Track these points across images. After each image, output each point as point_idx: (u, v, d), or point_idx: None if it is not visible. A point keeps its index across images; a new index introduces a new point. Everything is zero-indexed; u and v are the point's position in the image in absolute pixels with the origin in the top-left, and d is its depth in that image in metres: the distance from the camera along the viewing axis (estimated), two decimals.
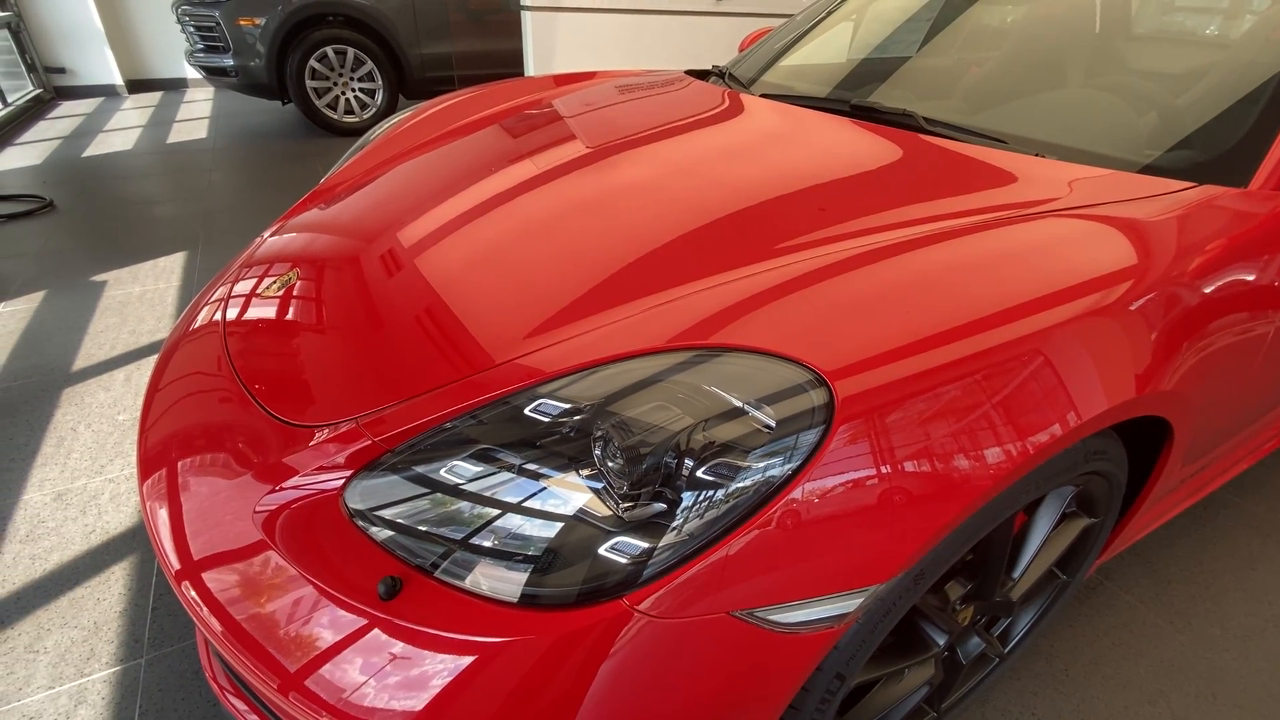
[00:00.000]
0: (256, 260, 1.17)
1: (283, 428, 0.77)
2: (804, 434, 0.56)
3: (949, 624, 0.82)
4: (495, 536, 0.61)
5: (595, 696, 0.55)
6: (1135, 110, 1.15)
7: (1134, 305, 0.75)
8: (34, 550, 1.33)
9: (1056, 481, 0.73)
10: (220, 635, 0.66)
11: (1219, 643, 1.26)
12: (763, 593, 0.56)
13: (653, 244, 0.88)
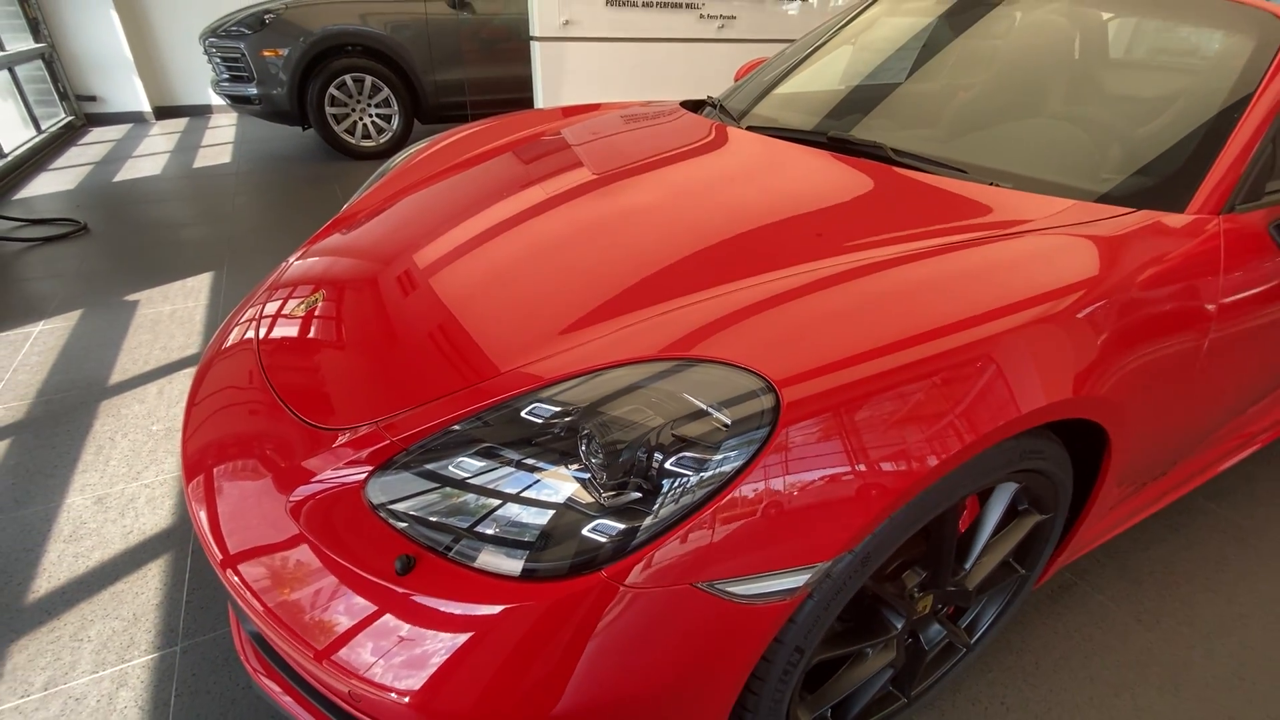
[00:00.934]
0: (284, 282, 1.28)
1: (311, 431, 0.88)
2: (754, 432, 0.66)
3: (906, 609, 0.91)
4: (498, 523, 0.70)
5: (586, 654, 0.65)
6: (1082, 143, 1.25)
7: (1069, 319, 0.84)
8: (77, 549, 1.44)
9: (993, 476, 0.82)
10: (261, 613, 0.76)
11: (1185, 639, 1.32)
12: (721, 568, 0.65)
13: (640, 266, 0.99)
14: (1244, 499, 1.72)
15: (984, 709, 1.17)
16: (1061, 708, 1.18)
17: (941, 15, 1.75)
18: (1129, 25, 1.48)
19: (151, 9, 5.81)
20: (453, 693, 0.65)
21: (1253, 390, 1.29)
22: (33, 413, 1.89)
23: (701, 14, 3.78)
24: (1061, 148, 1.26)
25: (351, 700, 0.72)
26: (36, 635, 1.25)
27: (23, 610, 1.30)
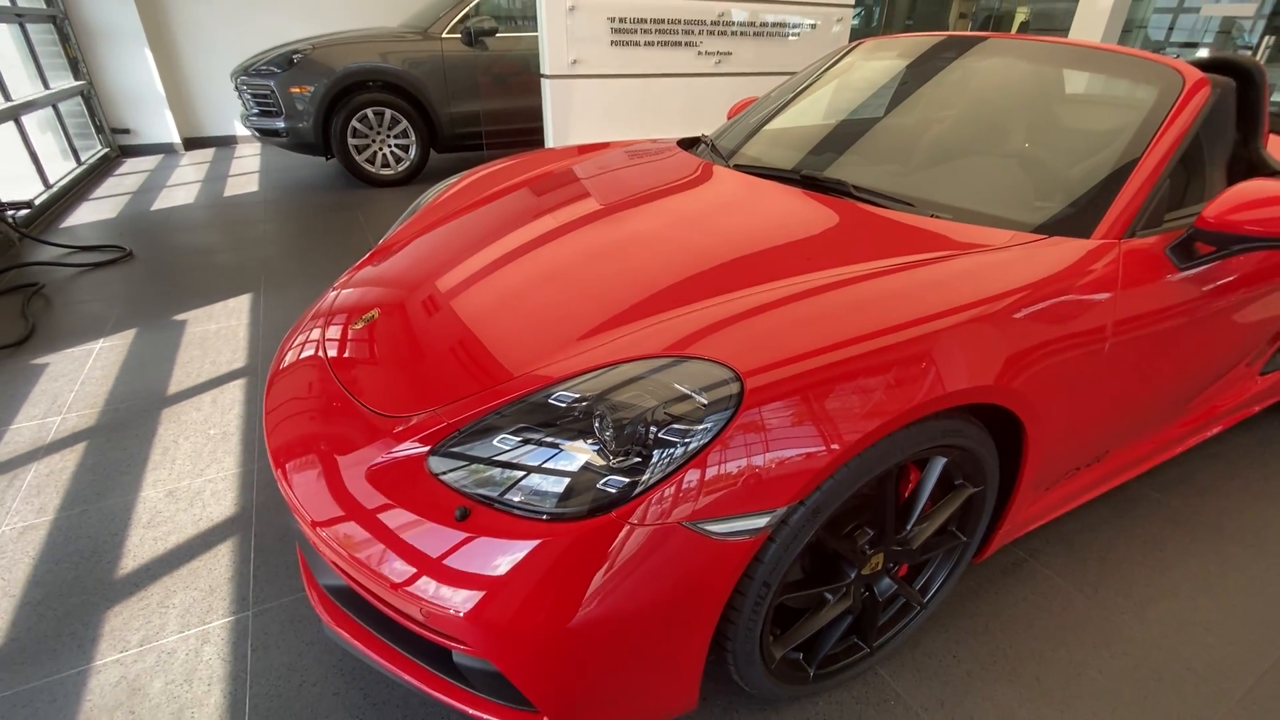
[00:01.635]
0: (339, 305, 1.51)
1: (381, 419, 1.10)
2: (723, 411, 0.88)
3: (858, 561, 1.11)
4: (532, 481, 0.92)
5: (596, 578, 0.86)
6: (1010, 179, 1.48)
7: (985, 325, 1.06)
8: (155, 534, 1.66)
9: (919, 448, 1.02)
10: (349, 561, 0.97)
11: (1120, 607, 1.52)
12: (701, 510, 0.86)
13: (638, 286, 1.21)
14: (1185, 488, 1.91)
15: (938, 661, 1.37)
16: (1005, 660, 1.37)
17: (901, 67, 1.99)
18: (1056, 76, 1.71)
19: (182, 46, 6.17)
20: (497, 608, 0.87)
21: (1165, 391, 1.50)
22: (102, 419, 2.12)
23: (699, 51, 4.06)
24: (993, 184, 1.49)
25: (422, 621, 0.93)
26: (128, 603, 1.47)
27: (114, 584, 1.52)
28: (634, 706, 1.01)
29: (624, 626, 0.89)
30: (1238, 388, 1.88)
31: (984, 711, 1.27)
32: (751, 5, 4.12)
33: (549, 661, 0.90)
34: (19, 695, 1.26)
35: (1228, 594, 1.56)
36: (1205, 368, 1.60)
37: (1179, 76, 1.45)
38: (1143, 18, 6.59)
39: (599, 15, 3.67)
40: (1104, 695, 1.31)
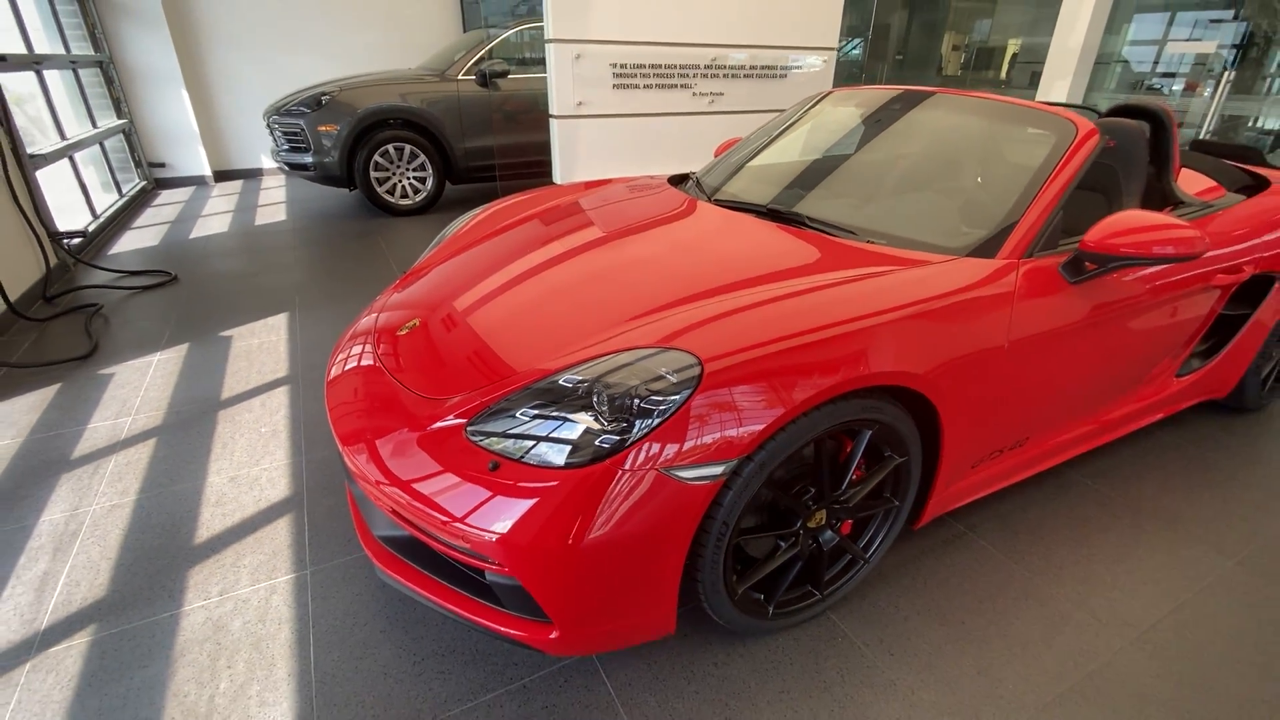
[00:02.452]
0: (383, 318, 1.82)
1: (427, 400, 1.40)
2: (688, 388, 1.17)
3: (801, 512, 1.40)
4: (548, 441, 1.21)
5: (597, 510, 1.15)
6: (936, 211, 1.79)
7: (899, 325, 1.35)
8: (223, 511, 1.96)
9: (842, 418, 1.30)
10: (409, 506, 1.26)
11: (1041, 570, 1.79)
12: (671, 460, 1.15)
13: (631, 297, 1.52)
14: (1112, 475, 2.18)
15: (881, 610, 1.64)
16: (939, 610, 1.64)
17: (860, 115, 2.32)
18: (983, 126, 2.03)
19: (215, 86, 6.63)
20: (520, 532, 1.15)
21: (1074, 387, 1.78)
22: (167, 420, 2.43)
23: (694, 92, 4.43)
24: (924, 215, 1.81)
25: (464, 549, 1.22)
26: (206, 564, 1.76)
27: (192, 549, 1.81)
28: (625, 622, 1.28)
29: (616, 550, 1.18)
30: (1156, 388, 2.16)
31: (916, 647, 1.54)
32: (741, 50, 4.51)
33: (559, 577, 1.18)
34: (124, 632, 1.55)
35: (1138, 561, 1.83)
36: (1112, 369, 1.89)
37: (1073, 127, 1.77)
38: (1120, 52, 6.99)
39: (602, 62, 4.05)
40: (1017, 635, 1.57)
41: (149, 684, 1.42)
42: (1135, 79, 7.14)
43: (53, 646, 1.51)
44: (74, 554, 1.78)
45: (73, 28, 5.55)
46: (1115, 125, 2.10)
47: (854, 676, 1.46)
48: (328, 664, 1.47)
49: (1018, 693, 1.43)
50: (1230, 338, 2.21)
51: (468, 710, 1.37)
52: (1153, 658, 1.52)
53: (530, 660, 1.49)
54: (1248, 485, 2.16)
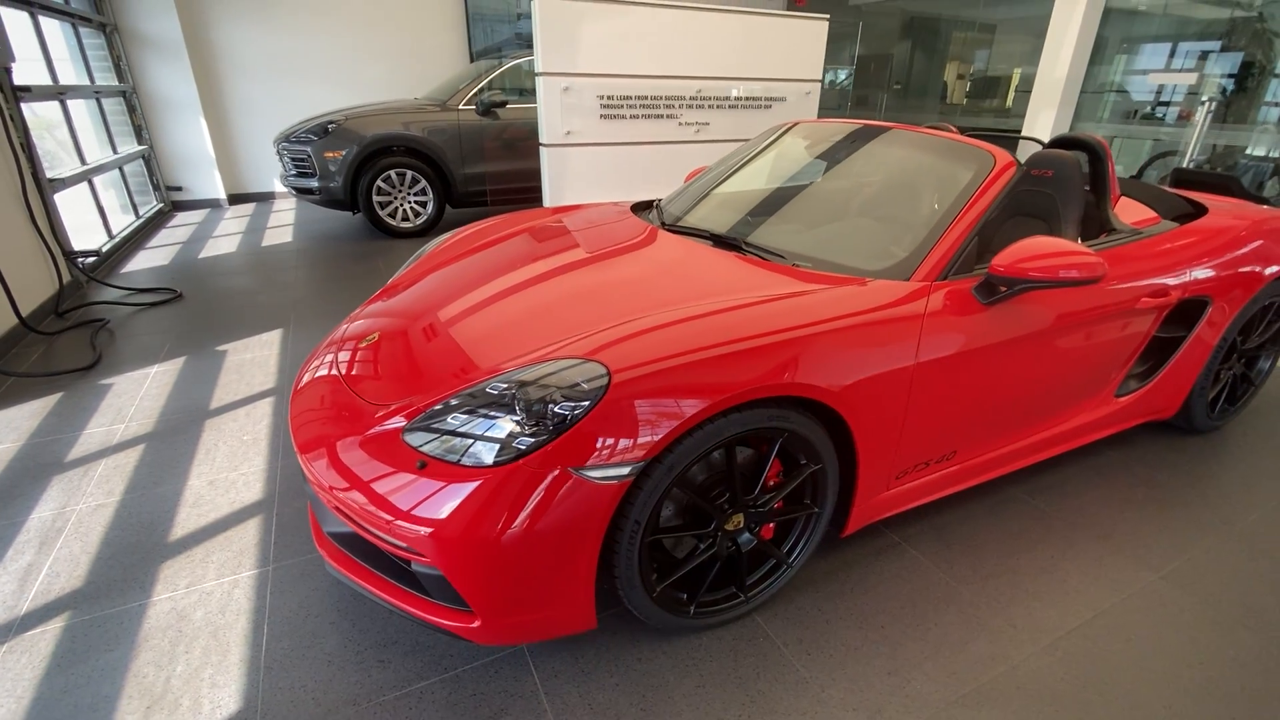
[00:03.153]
0: (351, 331, 1.95)
1: (371, 406, 1.52)
2: (598, 393, 1.28)
3: (718, 517, 1.50)
4: (482, 440, 1.32)
5: (515, 507, 1.25)
6: (860, 237, 1.90)
7: (808, 340, 1.46)
8: (198, 512, 2.08)
9: (747, 426, 1.40)
10: (348, 504, 1.37)
11: (967, 579, 1.86)
12: (581, 461, 1.26)
13: (573, 312, 1.64)
14: (1054, 492, 2.25)
15: (805, 613, 1.72)
16: (861, 614, 1.72)
17: (813, 147, 2.46)
18: (916, 158, 2.15)
19: (231, 114, 6.94)
20: (442, 526, 1.26)
21: (998, 404, 1.87)
22: (157, 427, 2.58)
23: (680, 122, 4.61)
24: (849, 240, 1.92)
25: (394, 541, 1.33)
26: (177, 559, 1.88)
27: (167, 546, 1.93)
28: (544, 614, 1.38)
29: (531, 544, 1.28)
30: (1094, 407, 2.23)
31: (832, 647, 1.61)
32: (727, 82, 4.69)
33: (478, 569, 1.29)
34: (95, 619, 1.67)
35: (1063, 573, 1.89)
36: (1039, 388, 1.97)
37: (992, 159, 1.88)
38: (1113, 82, 7.11)
39: (590, 93, 4.24)
40: (933, 639, 1.64)
41: (112, 666, 1.54)
42: (1129, 108, 7.25)
43: (29, 631, 1.63)
44: (57, 548, 1.91)
45: (99, 60, 5.88)
46: (1052, 156, 2.22)
47: (769, 674, 1.54)
48: (278, 651, 1.58)
49: (923, 692, 1.50)
50: (1167, 360, 2.28)
51: (401, 696, 1.47)
52: (1061, 663, 1.59)
53: (465, 652, 1.58)
54: (1187, 504, 2.22)
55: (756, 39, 4.67)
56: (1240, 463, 2.47)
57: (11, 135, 3.63)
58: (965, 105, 9.44)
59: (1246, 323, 2.49)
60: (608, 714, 1.44)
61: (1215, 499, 2.24)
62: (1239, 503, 2.23)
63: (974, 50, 9.77)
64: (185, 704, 1.44)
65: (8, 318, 3.30)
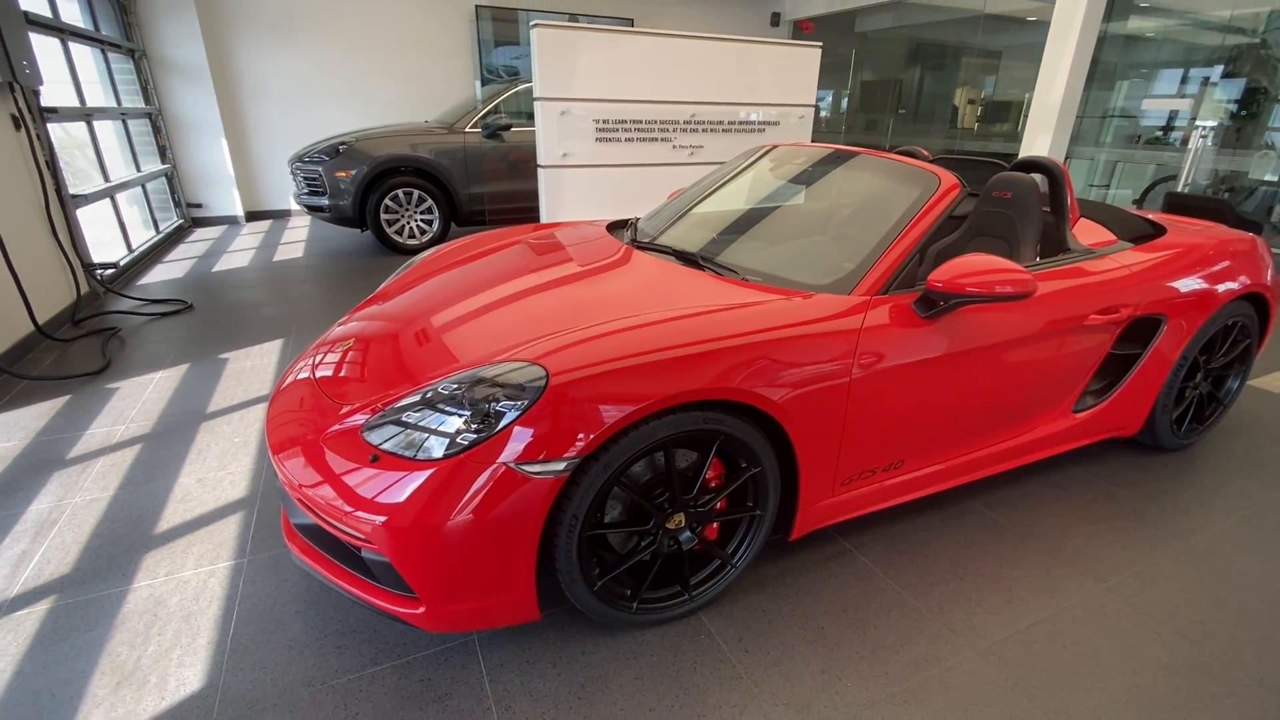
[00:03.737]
0: (332, 337, 2.07)
1: (335, 405, 1.63)
2: (534, 396, 1.38)
3: (657, 515, 1.57)
4: (435, 434, 1.42)
5: (456, 498, 1.35)
6: (812, 254, 1.99)
7: (744, 348, 1.55)
8: (185, 507, 2.20)
9: (682, 428, 1.49)
10: (311, 496, 1.48)
11: (913, 586, 1.90)
12: (518, 457, 1.35)
13: (535, 320, 1.74)
14: (1012, 506, 2.29)
15: (748, 613, 1.78)
16: (803, 616, 1.77)
17: (782, 170, 2.56)
18: (871, 180, 2.25)
19: (251, 135, 7.23)
20: (400, 515, 1.35)
21: (944, 415, 1.93)
22: (156, 428, 2.72)
23: (674, 145, 4.75)
24: (801, 257, 2.01)
25: (351, 533, 1.43)
26: (159, 550, 1.99)
27: (151, 537, 2.04)
28: (486, 602, 1.46)
29: (471, 534, 1.37)
30: (1051, 422, 2.28)
31: (770, 646, 1.67)
32: (720, 107, 4.83)
33: (422, 556, 1.38)
34: (78, 603, 1.78)
35: (1010, 581, 1.93)
36: (987, 401, 2.03)
37: (937, 180, 1.97)
38: (1121, 107, 7.17)
39: (586, 117, 4.40)
40: (870, 641, 1.69)
41: (90, 645, 1.64)
42: (1132, 133, 7.30)
43: (16, 611, 1.75)
44: (50, 538, 2.04)
45: (127, 83, 6.19)
46: (1011, 179, 2.31)
47: (706, 669, 1.60)
48: (244, 635, 1.67)
49: (853, 689, 1.55)
50: (1124, 377, 2.33)
51: (355, 679, 1.56)
52: (994, 666, 1.63)
53: (418, 641, 1.67)
54: (1142, 520, 2.25)
55: (750, 66, 4.82)
56: (1203, 481, 2.49)
57: (37, 153, 3.86)
58: (977, 130, 9.53)
59: (1209, 342, 2.52)
60: (546, 701, 1.51)
61: (1172, 515, 2.27)
62: (1195, 519, 2.25)
63: (981, 76, 9.88)
64: (153, 680, 1.54)
65: (24, 325, 3.49)
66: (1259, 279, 2.49)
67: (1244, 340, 2.63)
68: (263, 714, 1.46)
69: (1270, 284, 2.56)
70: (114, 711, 1.46)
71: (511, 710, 1.49)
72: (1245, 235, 2.63)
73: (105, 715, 1.45)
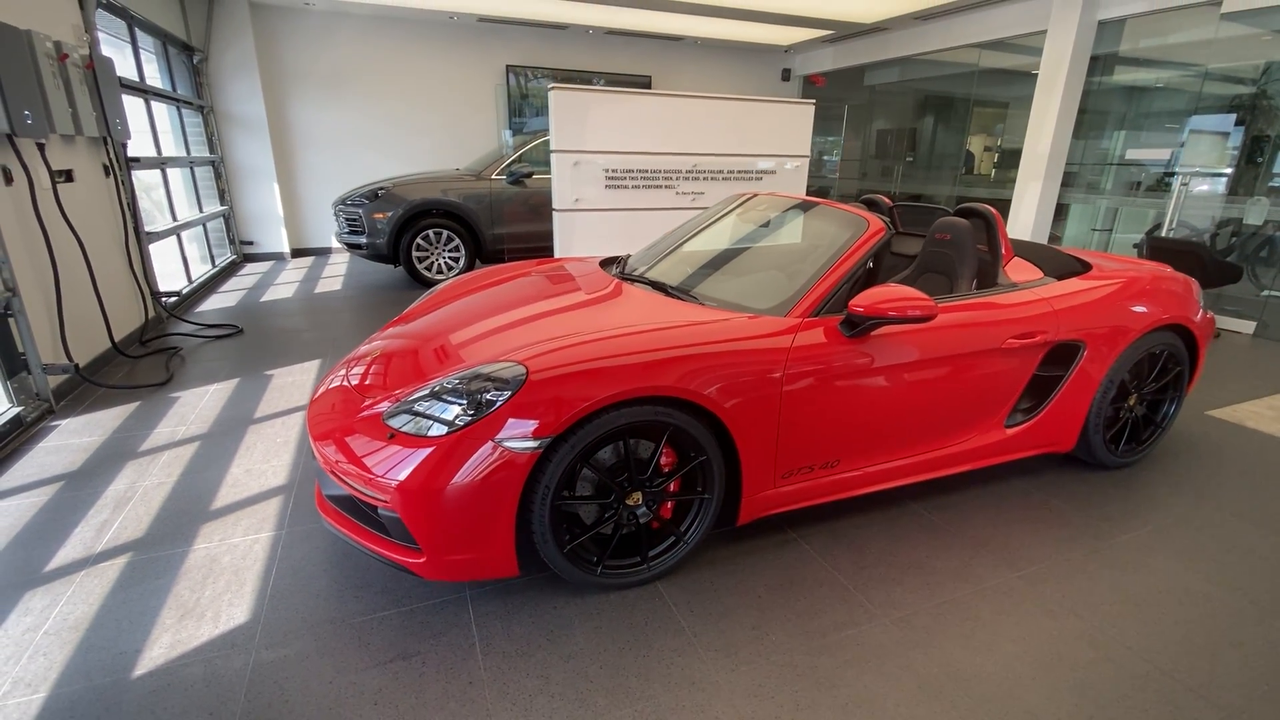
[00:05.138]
0: (360, 353, 2.49)
1: (364, 399, 2.04)
2: (518, 385, 1.76)
3: (618, 492, 1.92)
4: (437, 421, 1.81)
5: (454, 467, 1.72)
6: (762, 284, 2.37)
7: (690, 357, 1.91)
8: (235, 491, 2.61)
9: (638, 418, 1.84)
10: (344, 468, 1.87)
11: (846, 569, 2.20)
12: (502, 435, 1.72)
13: (522, 335, 2.14)
14: (950, 509, 2.57)
15: (698, 583, 2.09)
16: (745, 587, 2.08)
17: (752, 215, 2.97)
18: (816, 223, 2.62)
19: (300, 180, 7.94)
20: (410, 480, 1.73)
21: (865, 424, 2.25)
22: (211, 430, 3.16)
23: (677, 191, 5.21)
24: (752, 286, 2.39)
25: (372, 495, 1.80)
26: (214, 522, 2.39)
27: (208, 512, 2.45)
28: (474, 555, 1.82)
29: (464, 497, 1.74)
30: (984, 435, 2.58)
31: (712, 608, 1.98)
32: (721, 158, 5.29)
33: (425, 514, 1.75)
34: (150, 559, 2.18)
35: (932, 568, 2.21)
36: (914, 411, 2.34)
37: (866, 223, 2.35)
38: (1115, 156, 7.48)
39: (596, 167, 4.90)
40: (798, 608, 1.99)
41: (159, 589, 2.03)
42: (1132, 180, 7.58)
43: (101, 564, 2.15)
44: (127, 510, 2.46)
45: (195, 135, 6.94)
46: (950, 224, 2.68)
47: (655, 623, 1.92)
48: (281, 586, 2.05)
49: (776, 641, 1.85)
50: (1050, 397, 2.62)
51: (368, 619, 1.91)
52: (902, 630, 1.92)
53: (421, 592, 2.02)
54: (1068, 525, 2.51)
55: (748, 121, 5.29)
56: (1133, 495, 2.74)
57: (121, 197, 4.47)
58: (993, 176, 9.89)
59: (1138, 369, 2.80)
60: (520, 641, 1.84)
61: (1095, 522, 2.53)
62: (1115, 526, 2.50)
63: (994, 125, 10.27)
64: (209, 615, 1.92)
65: (104, 342, 4.02)
66: (1180, 311, 2.78)
67: (1174, 367, 2.89)
68: (294, 640, 1.83)
69: (1195, 317, 2.84)
70: (179, 635, 1.84)
71: (491, 646, 1.82)
72: (1171, 274, 2.93)
73: (172, 637, 1.83)
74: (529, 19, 7.96)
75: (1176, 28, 6.04)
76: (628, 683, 1.71)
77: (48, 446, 2.97)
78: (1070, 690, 1.72)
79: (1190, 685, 1.74)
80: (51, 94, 3.43)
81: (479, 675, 1.73)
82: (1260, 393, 3.98)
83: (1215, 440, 3.29)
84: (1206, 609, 2.05)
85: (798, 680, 1.73)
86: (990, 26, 7.16)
